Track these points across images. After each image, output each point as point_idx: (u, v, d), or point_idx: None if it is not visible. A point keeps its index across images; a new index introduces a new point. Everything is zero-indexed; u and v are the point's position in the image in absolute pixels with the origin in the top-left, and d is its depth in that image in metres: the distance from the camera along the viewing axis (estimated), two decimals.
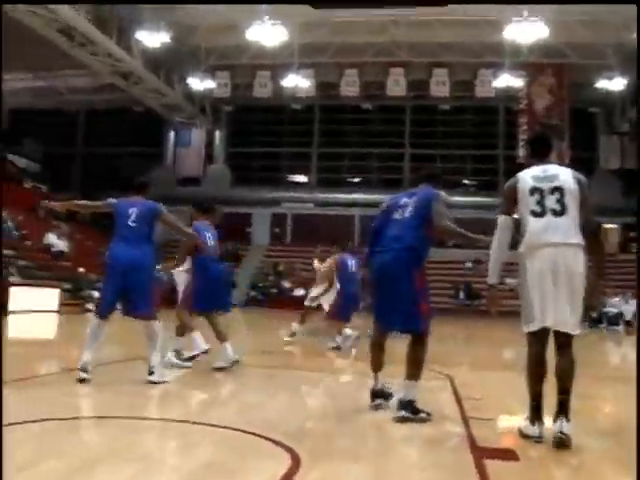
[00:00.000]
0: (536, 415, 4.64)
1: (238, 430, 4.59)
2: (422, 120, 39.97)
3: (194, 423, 4.85)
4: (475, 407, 5.85)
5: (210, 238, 8.26)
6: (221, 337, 7.89)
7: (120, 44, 28.71)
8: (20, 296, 18.94)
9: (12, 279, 19.98)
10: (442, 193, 5.60)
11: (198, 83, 34.03)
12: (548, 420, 4.57)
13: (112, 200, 7.08)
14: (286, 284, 33.38)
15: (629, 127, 34.95)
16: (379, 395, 5.54)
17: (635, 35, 24.35)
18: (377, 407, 5.49)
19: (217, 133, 41.42)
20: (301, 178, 41.82)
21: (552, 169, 4.77)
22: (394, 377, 5.53)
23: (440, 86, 34.01)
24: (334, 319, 11.48)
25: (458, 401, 6.25)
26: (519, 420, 4.83)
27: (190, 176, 40.57)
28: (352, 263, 11.53)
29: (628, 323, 24.65)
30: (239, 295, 34.75)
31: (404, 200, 5.55)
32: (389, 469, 3.94)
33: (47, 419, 4.67)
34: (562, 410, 4.45)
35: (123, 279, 6.60)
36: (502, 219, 4.87)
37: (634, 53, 24.85)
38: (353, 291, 11.30)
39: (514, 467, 4.05)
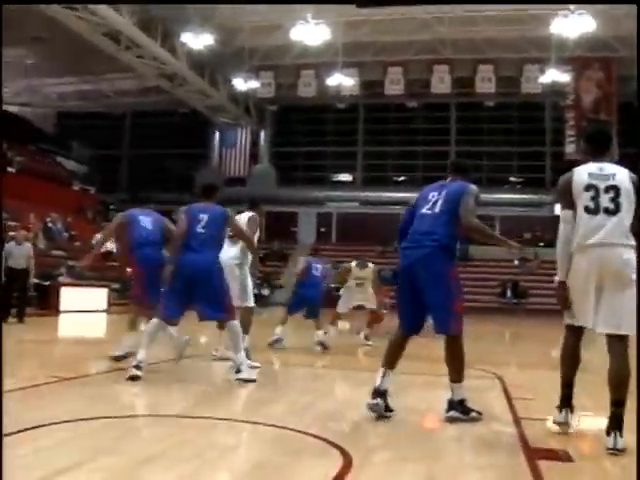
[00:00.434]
0: (565, 403, 4.82)
1: (289, 429, 4.60)
2: (467, 117, 39.67)
3: (245, 422, 4.88)
4: (526, 407, 5.79)
5: None
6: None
7: (165, 47, 29.02)
8: (70, 296, 19.25)
9: (62, 279, 20.30)
10: (475, 187, 5.34)
11: (242, 84, 34.18)
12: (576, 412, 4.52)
13: (183, 209, 7.09)
14: (332, 284, 33.35)
15: None
16: (382, 395, 5.07)
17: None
18: (374, 408, 5.04)
19: (262, 133, 41.60)
20: (346, 177, 41.79)
21: (609, 167, 4.65)
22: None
23: (485, 82, 33.67)
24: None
25: (508, 401, 6.19)
26: (571, 419, 4.78)
27: (236, 176, 40.81)
28: (318, 267, 11.75)
29: None
30: (285, 294, 34.91)
31: (433, 194, 5.31)
32: (441, 469, 3.92)
33: (100, 417, 4.74)
34: (615, 424, 4.26)
35: (195, 286, 6.62)
36: (563, 213, 4.73)
37: None
38: (309, 294, 11.50)
39: (568, 468, 3.99)
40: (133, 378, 6.41)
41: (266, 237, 39.46)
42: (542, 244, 36.38)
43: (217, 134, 41.67)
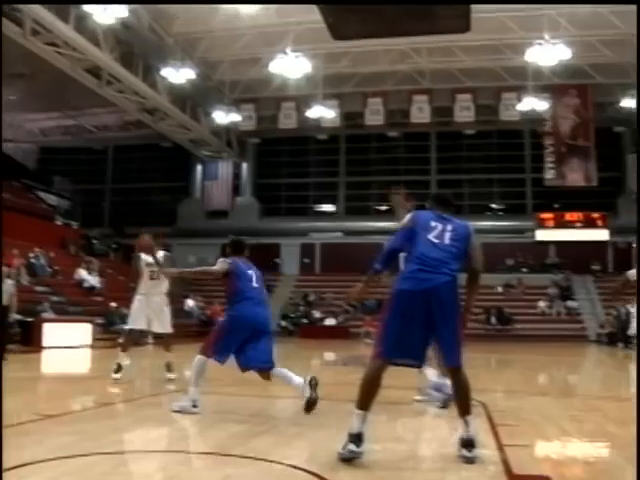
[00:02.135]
0: None
1: (276, 462, 4.61)
2: (447, 146, 40.03)
3: (231, 455, 4.88)
4: (510, 433, 5.83)
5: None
6: None
7: (146, 81, 29.16)
8: (54, 331, 19.14)
9: (46, 315, 20.20)
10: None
11: (223, 117, 34.37)
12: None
13: (227, 261, 7.44)
14: (317, 314, 33.45)
15: None
16: (360, 440, 4.75)
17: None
18: (353, 456, 4.71)
19: (244, 165, 41.73)
20: (329, 207, 41.92)
21: None
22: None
23: (464, 111, 34.03)
24: None
25: (492, 427, 6.22)
26: (555, 445, 4.82)
27: (218, 209, 40.90)
28: None
29: None
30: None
31: (435, 223, 5.16)
32: None
33: (87, 454, 4.74)
34: None
35: (249, 335, 7.15)
36: None
37: None
38: None
39: None
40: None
41: None
42: (525, 270, 36.72)
43: (199, 167, 41.78)
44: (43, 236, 28.29)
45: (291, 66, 28.80)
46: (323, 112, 33.72)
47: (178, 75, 28.72)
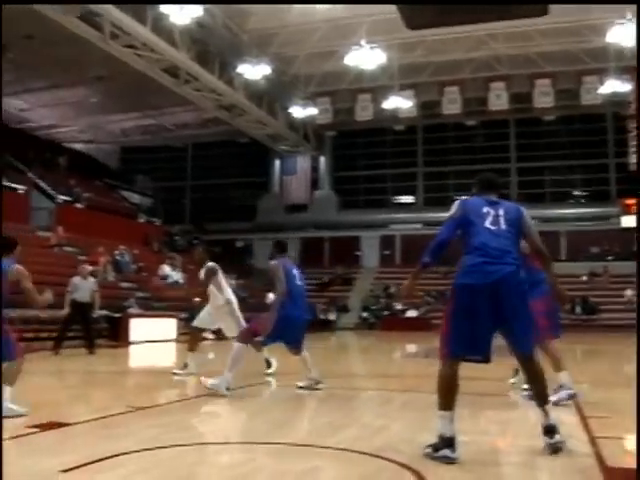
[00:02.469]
0: None
1: (362, 453, 4.60)
2: (527, 133, 39.28)
3: (317, 447, 4.89)
4: (602, 425, 5.66)
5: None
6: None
7: (222, 78, 29.51)
8: (140, 327, 19.57)
9: (132, 310, 20.66)
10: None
11: (300, 111, 34.51)
12: None
13: (276, 263, 8.14)
14: (398, 306, 33.32)
15: None
16: (455, 444, 4.55)
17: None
18: (447, 461, 4.48)
19: (321, 159, 41.84)
20: (407, 199, 41.69)
21: None
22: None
23: (543, 97, 33.33)
24: None
25: (583, 419, 6.06)
26: None
27: (297, 203, 41.13)
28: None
29: None
30: (352, 318, 34.93)
31: (486, 209, 4.93)
32: None
33: (175, 445, 4.81)
34: None
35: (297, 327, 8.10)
36: None
37: None
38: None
39: None
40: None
41: (330, 262, 39.63)
42: (611, 258, 35.71)
43: (277, 162, 42.08)
44: (127, 234, 28.95)
45: (366, 58, 28.75)
46: (399, 103, 33.54)
47: (254, 71, 28.96)
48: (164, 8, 23.43)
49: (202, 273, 9.66)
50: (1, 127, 20.70)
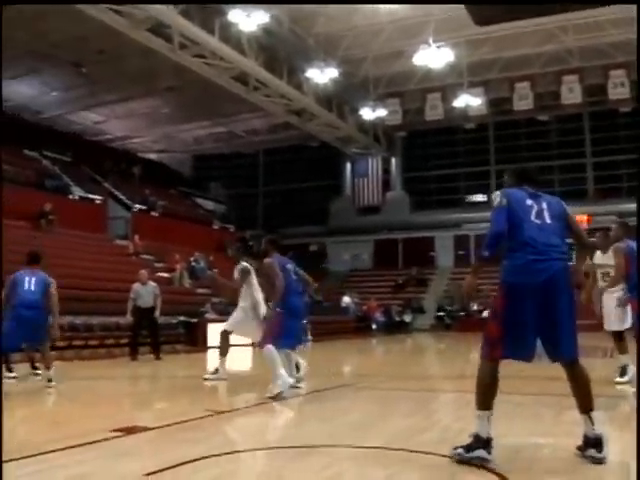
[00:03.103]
0: None
1: (444, 456, 4.52)
2: (602, 126, 38.27)
3: (398, 450, 4.83)
4: None
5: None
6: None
7: (291, 83, 29.68)
8: (216, 332, 19.75)
9: (208, 316, 20.92)
10: None
11: (370, 113, 34.43)
12: None
13: (270, 260, 8.45)
14: (474, 306, 32.92)
15: None
16: (491, 445, 4.43)
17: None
18: (481, 462, 4.35)
19: (393, 160, 41.67)
20: (481, 197, 41.16)
21: None
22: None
23: (619, 88, 32.46)
24: None
25: None
26: None
27: (369, 205, 41.09)
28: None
29: None
30: (427, 319, 34.68)
31: (530, 202, 4.70)
32: None
33: (255, 449, 4.83)
34: None
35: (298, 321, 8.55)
36: None
37: None
38: None
39: None
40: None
41: (404, 263, 39.45)
42: None
43: (348, 164, 42.11)
44: (202, 240, 29.36)
45: (434, 56, 28.56)
46: (469, 100, 33.21)
47: (322, 75, 29.04)
48: (231, 16, 23.69)
49: (236, 272, 9.89)
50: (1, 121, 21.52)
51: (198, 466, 4.30)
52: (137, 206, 30.66)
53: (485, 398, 4.58)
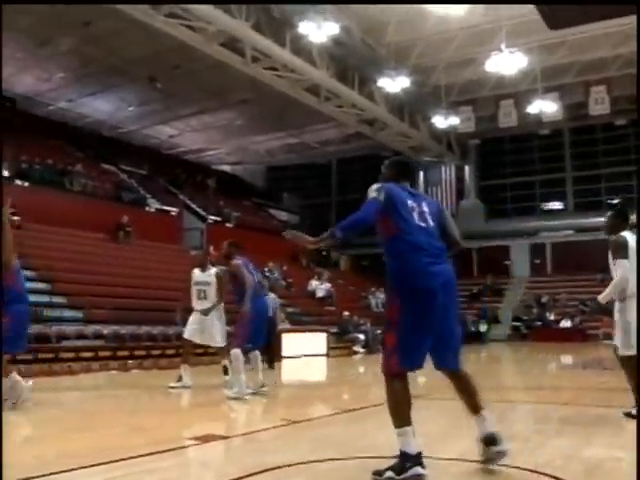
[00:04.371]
0: None
1: (524, 469, 4.44)
2: None
3: (475, 462, 4.76)
4: None
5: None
6: None
7: (363, 93, 29.70)
8: (292, 341, 19.90)
9: (283, 326, 21.05)
10: None
11: (442, 121, 34.17)
12: None
13: (237, 262, 9.04)
14: (551, 316, 32.34)
15: None
16: (420, 461, 4.27)
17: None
18: (420, 478, 4.21)
19: (466, 168, 41.27)
20: (557, 205, 40.41)
21: None
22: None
23: None
24: None
25: None
26: None
27: None
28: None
29: None
30: (503, 329, 34.17)
31: (411, 202, 4.53)
32: None
33: (330, 459, 4.82)
34: None
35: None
36: None
37: None
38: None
39: None
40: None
41: (478, 272, 38.98)
42: None
43: (422, 173, 41.90)
44: (276, 251, 29.58)
45: (506, 63, 28.13)
46: (544, 106, 32.64)
47: (394, 84, 28.95)
48: (302, 28, 23.85)
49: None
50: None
51: (275, 475, 4.32)
52: (212, 217, 31.16)
53: (402, 415, 4.33)
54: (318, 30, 23.83)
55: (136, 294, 19.98)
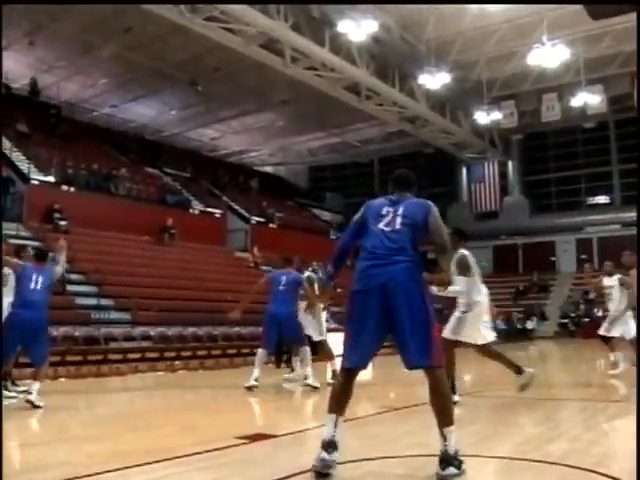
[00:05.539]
0: None
1: (576, 468, 4.38)
2: None
3: (526, 460, 4.71)
4: None
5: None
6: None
7: (403, 91, 29.60)
8: (337, 340, 19.84)
9: (328, 325, 21.03)
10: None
11: (484, 116, 33.87)
12: None
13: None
14: (599, 312, 31.83)
15: None
16: (333, 447, 4.37)
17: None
18: (323, 464, 4.29)
19: (509, 163, 40.91)
20: (603, 199, 39.80)
21: None
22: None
23: None
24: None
25: None
26: None
27: (487, 210, 40.46)
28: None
29: None
30: (550, 326, 33.77)
31: (386, 210, 4.65)
32: None
33: (382, 457, 4.82)
34: None
35: (280, 329, 10.24)
36: None
37: None
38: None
39: None
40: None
41: (524, 269, 38.57)
42: None
43: (464, 170, 41.61)
44: (320, 251, 29.51)
45: (549, 55, 27.74)
46: (588, 99, 32.18)
47: (434, 80, 28.76)
48: (341, 27, 23.80)
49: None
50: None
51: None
52: (255, 218, 31.30)
53: (333, 404, 4.62)
54: (357, 28, 23.77)
55: (182, 295, 20.16)
